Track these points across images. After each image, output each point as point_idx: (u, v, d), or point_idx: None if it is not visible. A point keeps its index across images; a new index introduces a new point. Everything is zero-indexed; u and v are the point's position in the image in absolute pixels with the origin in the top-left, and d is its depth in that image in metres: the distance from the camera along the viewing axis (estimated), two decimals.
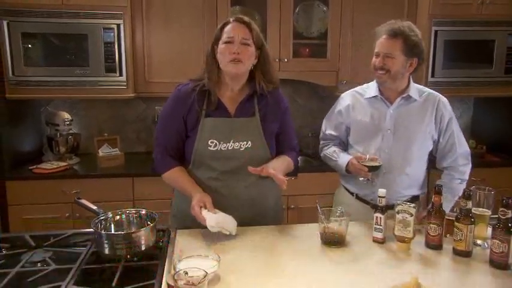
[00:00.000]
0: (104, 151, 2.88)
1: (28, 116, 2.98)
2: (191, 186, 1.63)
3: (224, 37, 1.57)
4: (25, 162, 2.80)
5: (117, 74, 2.75)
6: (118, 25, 2.69)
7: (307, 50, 3.08)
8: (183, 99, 1.64)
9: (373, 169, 1.77)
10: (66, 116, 2.93)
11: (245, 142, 1.63)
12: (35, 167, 2.71)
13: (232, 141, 1.62)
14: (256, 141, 1.65)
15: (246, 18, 1.61)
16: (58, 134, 2.89)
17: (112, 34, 2.69)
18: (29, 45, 2.64)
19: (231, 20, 1.60)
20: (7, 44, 2.60)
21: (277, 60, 2.93)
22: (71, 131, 2.96)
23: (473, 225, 1.41)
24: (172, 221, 1.77)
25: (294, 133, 1.86)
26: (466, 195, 1.41)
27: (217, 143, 1.61)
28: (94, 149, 2.95)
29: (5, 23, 2.58)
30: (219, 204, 1.58)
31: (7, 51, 2.60)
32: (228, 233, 1.53)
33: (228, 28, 1.58)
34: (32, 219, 2.62)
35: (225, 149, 1.62)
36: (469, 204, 1.41)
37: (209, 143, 1.61)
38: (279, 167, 1.63)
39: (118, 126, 3.23)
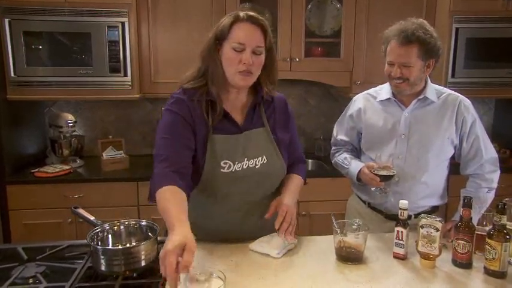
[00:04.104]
0: (108, 154, 2.79)
1: (31, 118, 2.90)
2: (177, 213, 1.16)
3: (234, 41, 1.32)
4: (28, 166, 2.72)
5: (122, 74, 2.66)
6: (123, 23, 2.60)
7: (320, 49, 2.96)
8: (187, 107, 1.37)
9: (386, 179, 1.63)
10: (70, 117, 2.85)
11: (260, 158, 1.43)
12: (36, 170, 2.63)
13: (246, 159, 1.41)
14: (271, 155, 1.45)
15: (260, 19, 1.35)
16: (61, 136, 2.81)
17: (116, 33, 2.60)
18: (31, 45, 2.56)
19: (243, 17, 1.34)
20: (8, 43, 2.52)
21: (288, 60, 2.82)
22: (74, 133, 2.89)
23: (508, 243, 1.27)
24: None
25: (299, 141, 1.68)
26: (500, 209, 1.27)
27: (231, 164, 1.38)
28: (98, 152, 2.87)
29: (6, 21, 2.51)
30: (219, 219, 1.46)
31: (9, 51, 2.53)
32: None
33: (239, 30, 1.32)
34: (33, 225, 2.54)
35: (240, 169, 1.39)
36: (503, 219, 1.27)
37: (222, 164, 1.37)
38: (293, 195, 1.48)
39: (123, 128, 3.14)
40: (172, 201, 1.21)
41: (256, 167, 1.42)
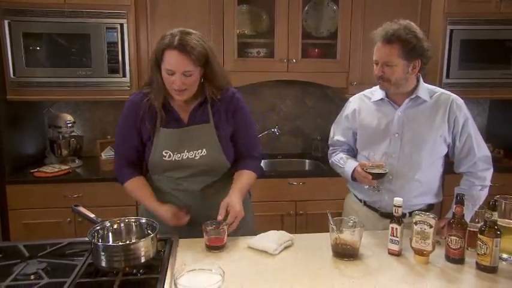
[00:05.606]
0: (106, 154, 2.80)
1: (30, 118, 2.92)
2: (148, 199, 1.63)
3: (165, 66, 1.49)
4: (27, 166, 2.74)
5: (121, 75, 2.68)
6: (121, 25, 2.62)
7: (316, 50, 2.99)
8: (135, 110, 1.61)
9: (379, 176, 1.67)
10: (69, 118, 2.87)
11: (200, 150, 1.61)
12: (36, 170, 2.65)
13: (186, 151, 1.60)
14: (212, 148, 1.62)
15: (189, 47, 1.45)
16: (60, 136, 2.83)
17: (115, 34, 2.62)
18: (31, 46, 2.57)
19: (173, 43, 1.45)
20: (8, 44, 2.53)
21: (285, 61, 2.85)
22: (73, 134, 2.90)
23: (499, 239, 1.30)
24: None
25: (255, 135, 1.78)
26: (491, 206, 1.31)
27: (171, 154, 1.60)
28: (97, 152, 2.88)
29: (6, 22, 2.52)
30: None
31: (8, 52, 2.54)
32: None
33: (169, 57, 1.47)
34: (32, 224, 2.55)
35: (180, 159, 1.60)
36: (495, 215, 1.30)
37: (163, 153, 1.60)
38: (240, 194, 1.58)
39: None
40: (139, 191, 1.66)
41: (196, 158, 1.60)
